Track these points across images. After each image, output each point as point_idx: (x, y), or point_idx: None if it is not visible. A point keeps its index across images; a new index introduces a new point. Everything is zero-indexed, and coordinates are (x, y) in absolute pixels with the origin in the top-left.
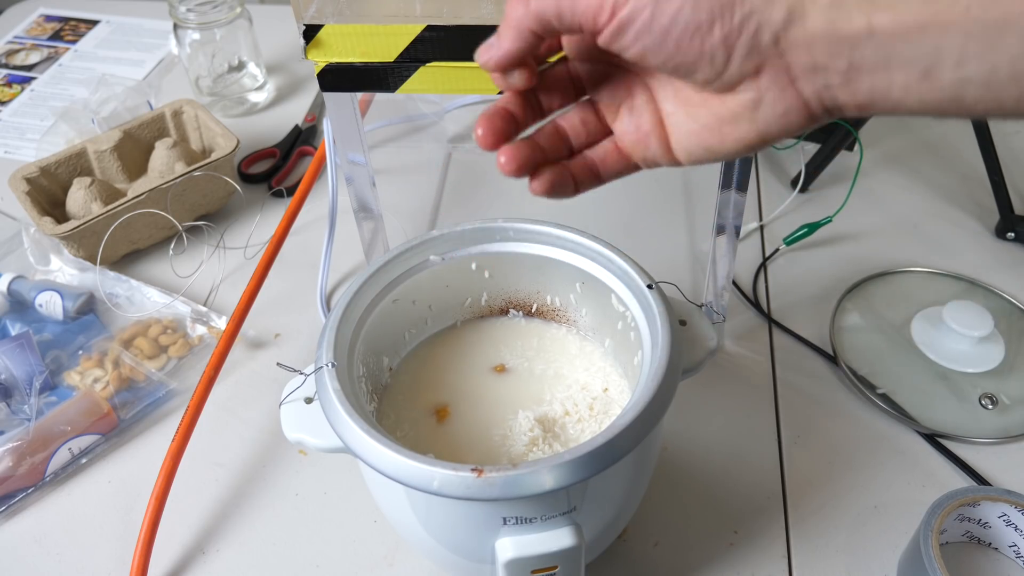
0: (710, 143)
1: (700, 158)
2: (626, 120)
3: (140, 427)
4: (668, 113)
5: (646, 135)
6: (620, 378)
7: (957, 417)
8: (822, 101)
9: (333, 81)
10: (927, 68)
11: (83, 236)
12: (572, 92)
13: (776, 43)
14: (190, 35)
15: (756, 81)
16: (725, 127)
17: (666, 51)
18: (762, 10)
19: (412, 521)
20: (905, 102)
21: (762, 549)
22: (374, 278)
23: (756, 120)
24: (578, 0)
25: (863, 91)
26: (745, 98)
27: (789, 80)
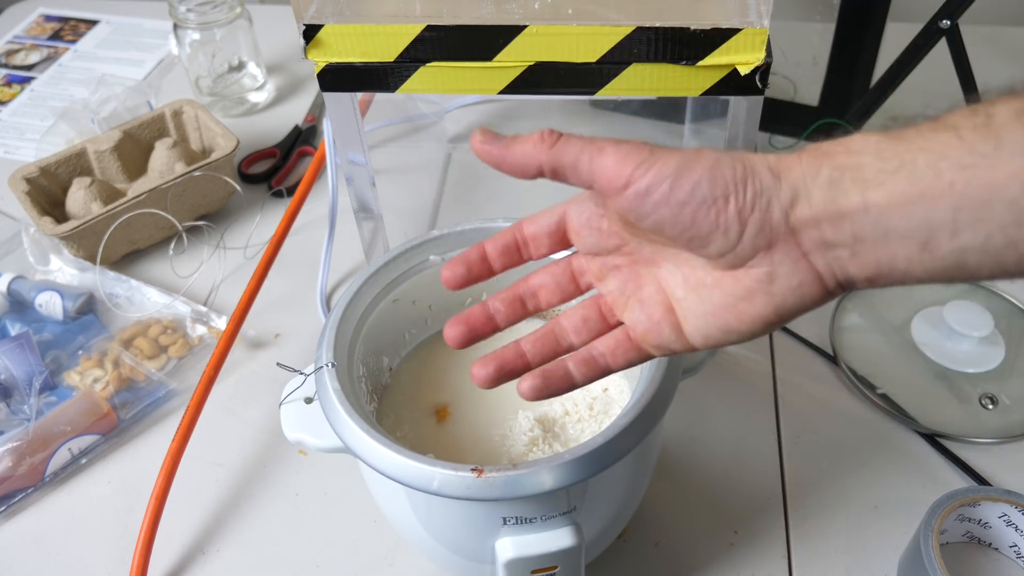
0: (726, 322)
1: (716, 340)
2: (636, 311)
3: (140, 427)
4: (679, 299)
5: (658, 323)
6: (620, 378)
7: (957, 417)
8: (834, 274)
9: (333, 81)
10: (924, 240)
11: (83, 236)
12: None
13: (786, 219)
14: (190, 35)
15: (769, 255)
16: (741, 304)
17: (682, 223)
18: (771, 188)
19: (412, 521)
20: (912, 272)
21: (762, 549)
22: (374, 278)
23: (772, 294)
24: (603, 157)
25: (871, 264)
26: (759, 272)
27: (801, 254)
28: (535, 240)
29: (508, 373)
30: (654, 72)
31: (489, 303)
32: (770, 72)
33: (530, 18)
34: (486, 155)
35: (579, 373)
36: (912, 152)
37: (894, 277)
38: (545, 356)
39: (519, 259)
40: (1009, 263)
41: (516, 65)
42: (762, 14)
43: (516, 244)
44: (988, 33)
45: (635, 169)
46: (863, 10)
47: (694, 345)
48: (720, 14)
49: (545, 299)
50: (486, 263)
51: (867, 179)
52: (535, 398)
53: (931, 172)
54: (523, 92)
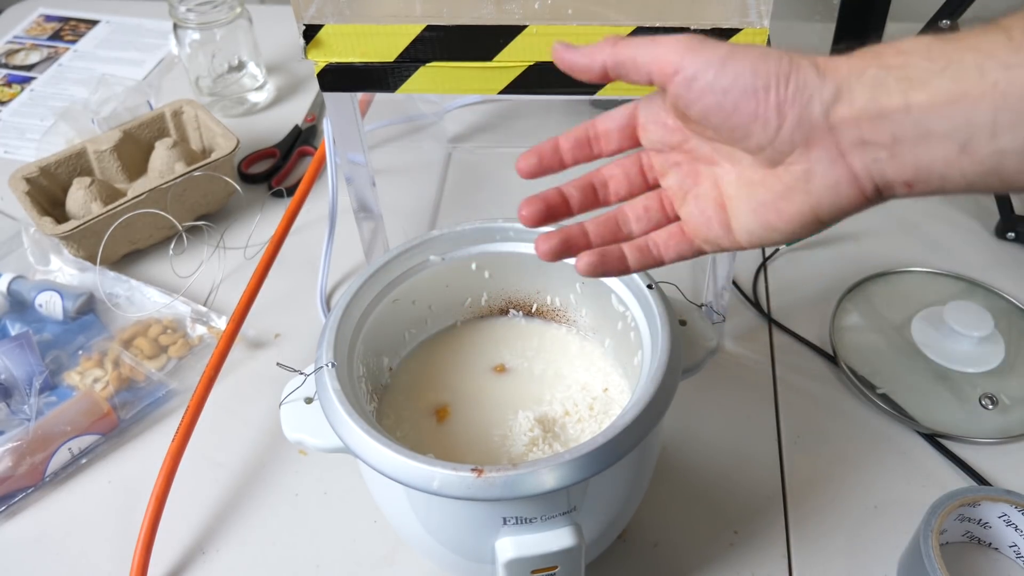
0: (768, 219)
1: (760, 237)
2: (692, 205)
3: (140, 427)
4: (730, 196)
5: (709, 219)
6: (620, 378)
7: (957, 417)
8: (872, 176)
9: (333, 81)
10: (964, 141)
11: (83, 236)
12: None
13: (826, 116)
14: (190, 35)
15: (807, 152)
16: (781, 202)
17: (724, 111)
18: (814, 84)
19: (412, 521)
20: (949, 176)
21: (762, 549)
22: (374, 278)
23: (809, 193)
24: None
25: (909, 166)
26: (797, 170)
27: (839, 153)
28: (606, 135)
29: (570, 248)
30: None
31: (563, 188)
32: None
33: (530, 18)
34: (559, 60)
35: (633, 259)
36: (960, 52)
37: (931, 182)
38: (605, 239)
39: (590, 153)
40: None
41: (516, 65)
42: (762, 14)
43: (588, 138)
44: None
45: (684, 55)
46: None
47: (740, 242)
48: (720, 14)
49: (614, 189)
50: (557, 155)
51: (912, 78)
52: (590, 274)
53: (976, 72)
54: (523, 92)
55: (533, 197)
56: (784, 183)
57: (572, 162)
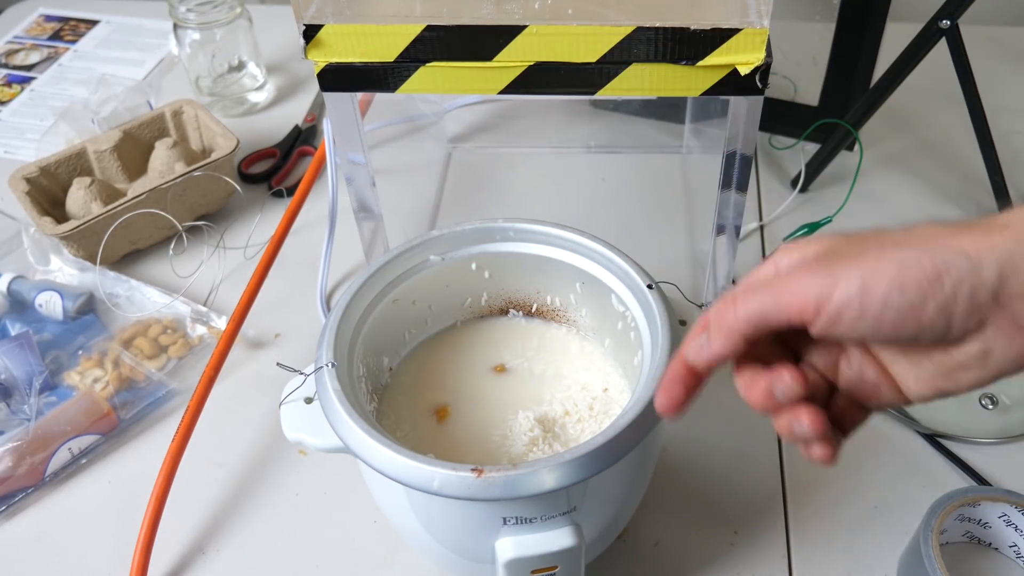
0: (943, 387)
1: (935, 397)
2: (847, 373)
3: (140, 427)
4: (890, 363)
5: (875, 386)
6: (620, 378)
7: (957, 417)
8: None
9: (333, 81)
10: None
11: (83, 236)
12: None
13: (995, 299)
14: (190, 35)
15: (982, 334)
16: (956, 374)
17: (884, 333)
18: (972, 274)
19: (412, 521)
20: None
21: (762, 549)
22: (374, 278)
23: (987, 367)
24: (782, 299)
25: None
26: (973, 350)
27: (1017, 327)
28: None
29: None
30: (654, 72)
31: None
32: (770, 72)
33: (530, 18)
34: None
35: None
36: None
37: None
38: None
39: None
40: None
41: (516, 65)
42: (762, 14)
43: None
44: (988, 33)
45: (818, 298)
46: (863, 10)
47: (912, 401)
48: (720, 14)
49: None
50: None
51: None
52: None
53: None
54: (523, 92)
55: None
56: (957, 361)
57: None
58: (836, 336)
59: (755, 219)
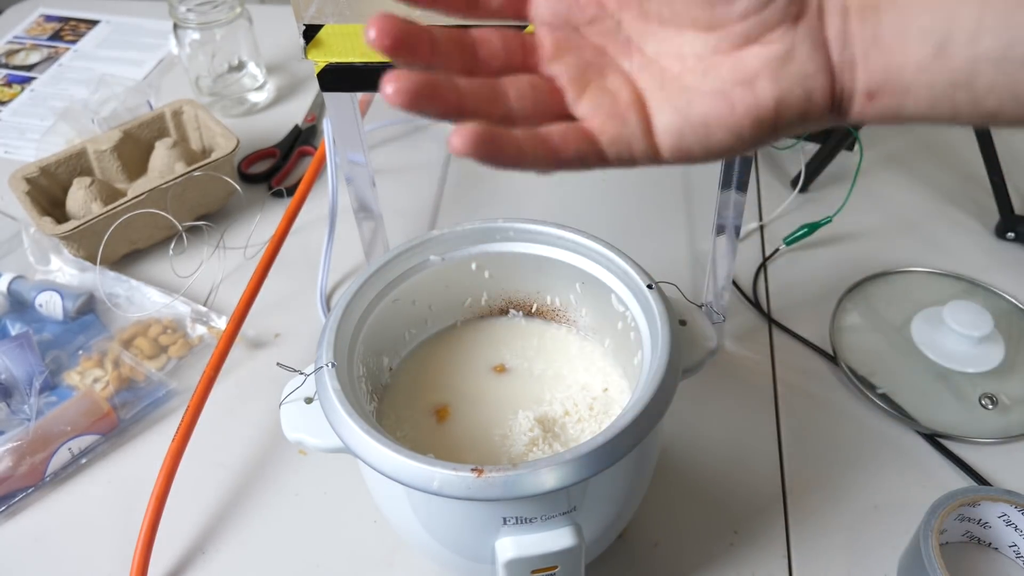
0: (713, 112)
1: (690, 142)
2: (597, 97)
3: (140, 427)
4: (655, 90)
5: (623, 110)
6: (620, 378)
7: (957, 417)
8: (842, 76)
9: (333, 81)
10: (941, 41)
11: (83, 236)
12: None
13: None
14: (190, 35)
15: (793, 31)
16: (738, 90)
17: None
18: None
19: (412, 521)
20: (915, 87)
21: (762, 549)
22: (374, 278)
23: (781, 78)
24: None
25: (878, 68)
26: (777, 48)
27: (823, 40)
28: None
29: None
30: None
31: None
32: None
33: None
34: None
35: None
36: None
37: (895, 92)
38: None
39: (463, 6)
40: (1021, 87)
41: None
42: None
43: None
44: None
45: None
46: None
47: (659, 147)
48: None
49: (483, 56)
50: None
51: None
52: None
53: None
54: None
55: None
56: (750, 66)
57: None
58: None
59: (755, 219)
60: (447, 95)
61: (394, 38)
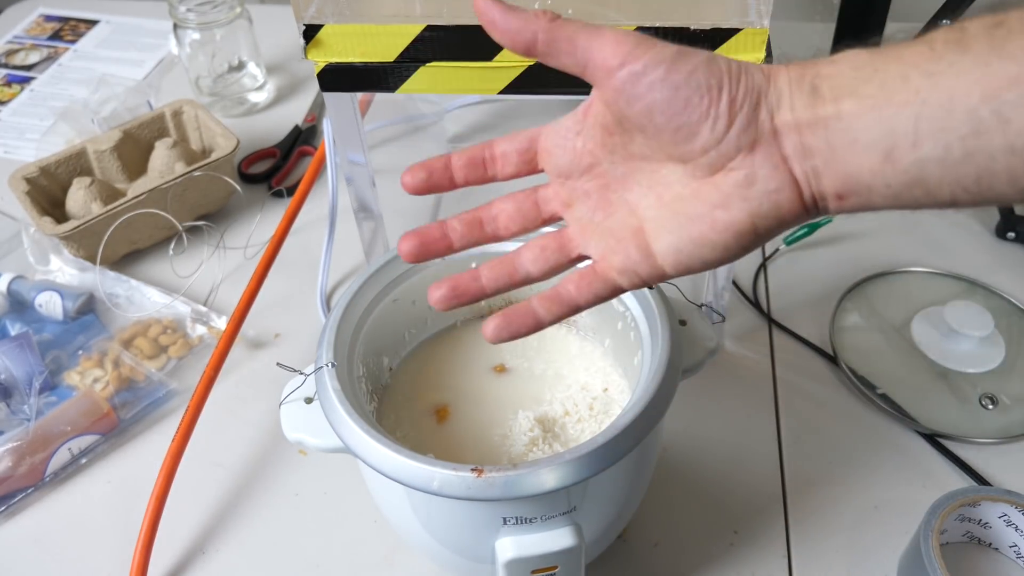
0: (701, 233)
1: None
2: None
3: (140, 427)
4: (650, 219)
5: (624, 246)
6: (620, 378)
7: (957, 417)
8: (810, 185)
9: (333, 81)
10: (888, 150)
11: (83, 236)
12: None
13: (771, 119)
14: (190, 35)
15: (751, 157)
16: (716, 212)
17: (674, 108)
18: (762, 87)
19: (412, 521)
20: (875, 187)
21: (762, 549)
22: (374, 278)
23: (749, 199)
24: (599, 40)
25: (840, 174)
26: (739, 175)
27: (782, 159)
28: (504, 157)
29: (462, 295)
30: None
31: (447, 221)
32: None
33: None
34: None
35: (543, 309)
36: (886, 62)
37: (860, 193)
38: (500, 283)
39: (483, 175)
40: (968, 181)
41: (516, 65)
42: (762, 14)
43: (483, 159)
44: None
45: (633, 49)
46: (863, 10)
47: (663, 267)
48: (720, 14)
49: (504, 224)
50: (448, 172)
51: (842, 86)
52: (499, 339)
53: (900, 80)
54: (523, 92)
55: (410, 232)
56: (722, 191)
57: (463, 182)
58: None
59: None
60: (472, 291)
61: (416, 253)
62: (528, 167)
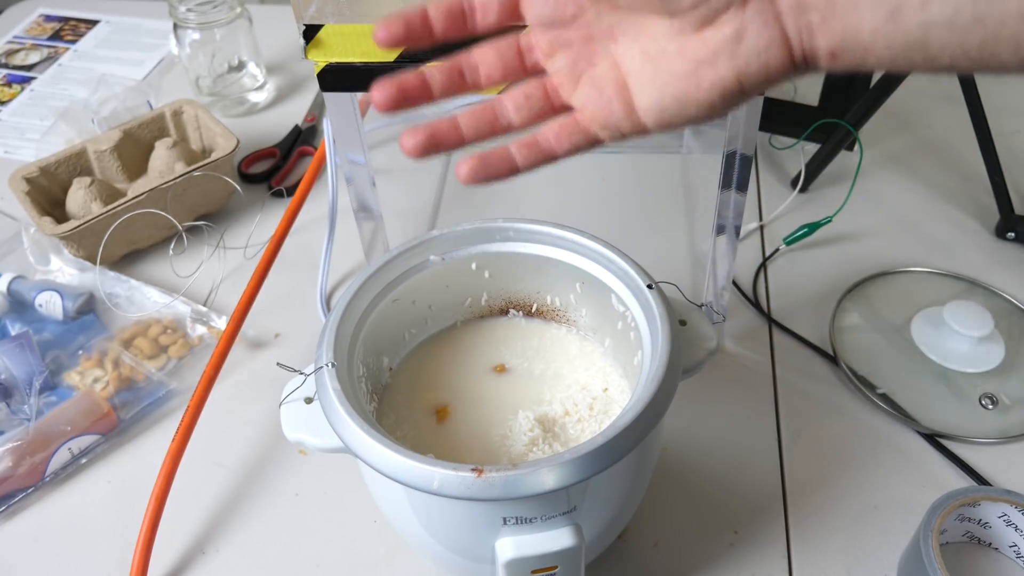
0: (684, 91)
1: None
2: (587, 88)
3: (140, 427)
4: (635, 73)
5: (608, 100)
6: (620, 378)
7: (957, 417)
8: (802, 42)
9: (333, 81)
10: (894, 8)
11: (83, 236)
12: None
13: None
14: (190, 35)
15: (742, 11)
16: (702, 69)
17: None
18: None
19: (412, 521)
20: (873, 47)
21: (762, 549)
22: (374, 278)
23: (736, 56)
24: None
25: (837, 32)
26: (728, 31)
27: (774, 14)
28: (484, 6)
29: (439, 144)
30: None
31: (425, 70)
32: None
33: None
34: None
35: (520, 156)
36: None
37: (856, 52)
38: (481, 131)
39: (463, 27)
40: (972, 46)
41: None
42: None
43: (462, 9)
44: None
45: None
46: None
47: (645, 123)
48: None
49: (486, 73)
50: (427, 25)
51: None
52: (473, 180)
53: None
54: None
55: (383, 79)
56: (709, 47)
57: (443, 34)
58: None
59: (755, 219)
60: (451, 138)
61: (393, 100)
62: (510, 17)
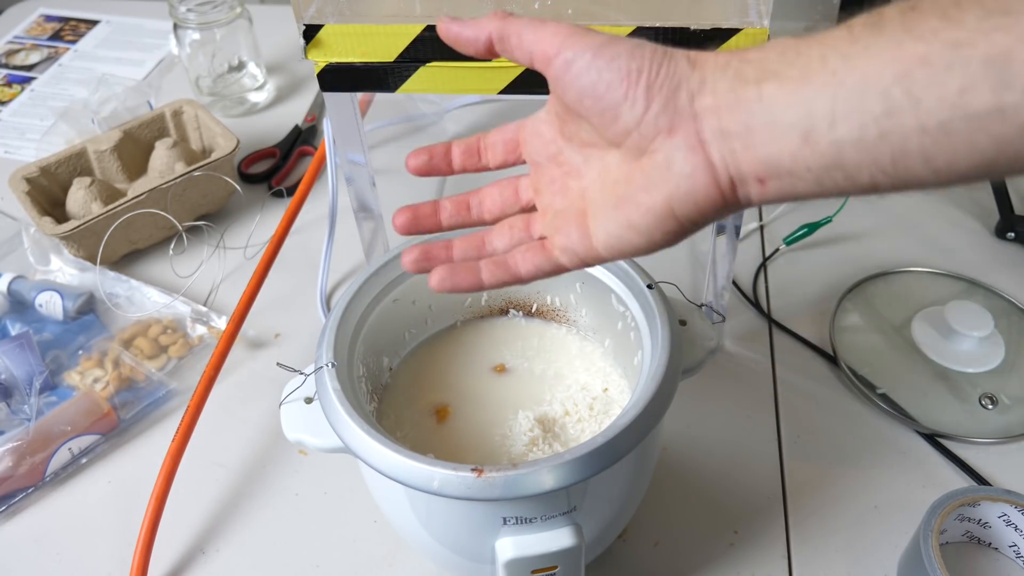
0: (627, 215)
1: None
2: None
3: (140, 427)
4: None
5: (568, 226)
6: (620, 378)
7: (957, 417)
8: (728, 169)
9: (333, 81)
10: (806, 131)
11: (83, 236)
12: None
13: (691, 103)
14: (190, 35)
15: (670, 139)
16: (640, 194)
17: (598, 92)
18: (684, 73)
19: (412, 521)
20: (796, 171)
21: (762, 549)
22: (374, 278)
23: (668, 181)
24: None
25: (760, 158)
26: (659, 157)
27: (699, 142)
28: (493, 147)
29: (430, 260)
30: None
31: (440, 201)
32: None
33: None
34: (445, 33)
35: (487, 272)
36: (809, 47)
37: (783, 177)
38: (468, 255)
39: (477, 162)
40: (884, 163)
41: (516, 65)
42: (762, 14)
43: (478, 148)
44: None
45: (566, 39)
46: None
47: (596, 248)
48: (720, 14)
49: (488, 208)
50: (448, 158)
51: (766, 70)
52: (440, 288)
53: (818, 62)
54: (523, 92)
55: (405, 207)
56: (646, 175)
57: (460, 168)
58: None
59: (755, 219)
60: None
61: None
62: (513, 156)
